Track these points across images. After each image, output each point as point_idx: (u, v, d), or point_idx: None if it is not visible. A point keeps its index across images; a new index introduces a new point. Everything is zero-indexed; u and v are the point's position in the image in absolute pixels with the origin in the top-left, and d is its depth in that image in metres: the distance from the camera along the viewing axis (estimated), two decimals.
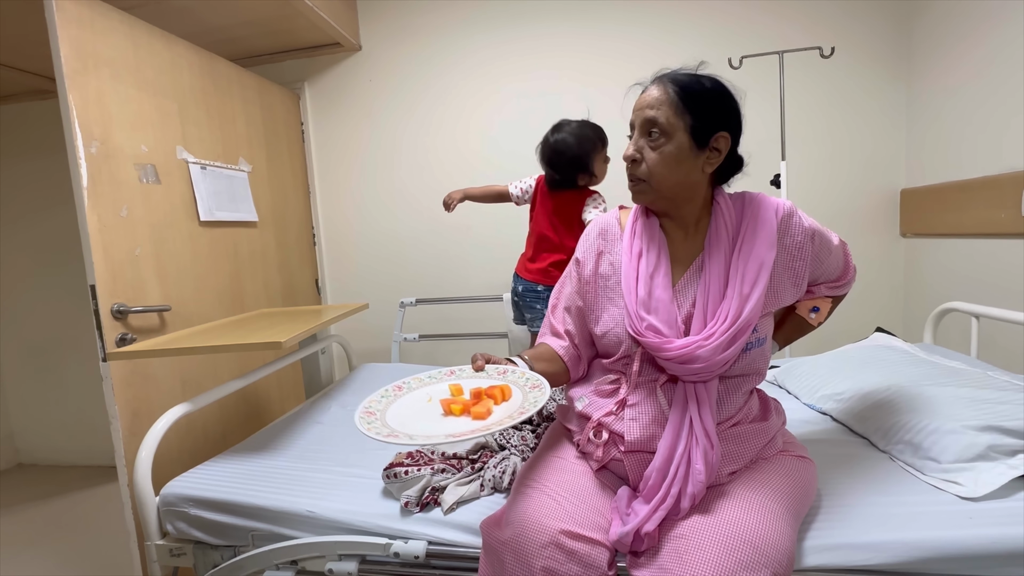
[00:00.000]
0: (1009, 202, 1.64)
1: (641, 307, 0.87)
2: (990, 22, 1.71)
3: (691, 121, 0.83)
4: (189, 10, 2.05)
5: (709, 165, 0.86)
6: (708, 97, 0.84)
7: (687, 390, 0.84)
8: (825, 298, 0.99)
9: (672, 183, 0.86)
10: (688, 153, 0.84)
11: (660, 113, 0.84)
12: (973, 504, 0.83)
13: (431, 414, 0.80)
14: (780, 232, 0.87)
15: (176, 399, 1.67)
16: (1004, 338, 1.58)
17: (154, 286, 1.64)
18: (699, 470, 0.78)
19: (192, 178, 1.83)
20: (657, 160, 0.85)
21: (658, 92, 0.85)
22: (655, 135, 0.85)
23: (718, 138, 0.85)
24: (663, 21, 2.23)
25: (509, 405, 0.78)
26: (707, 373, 0.83)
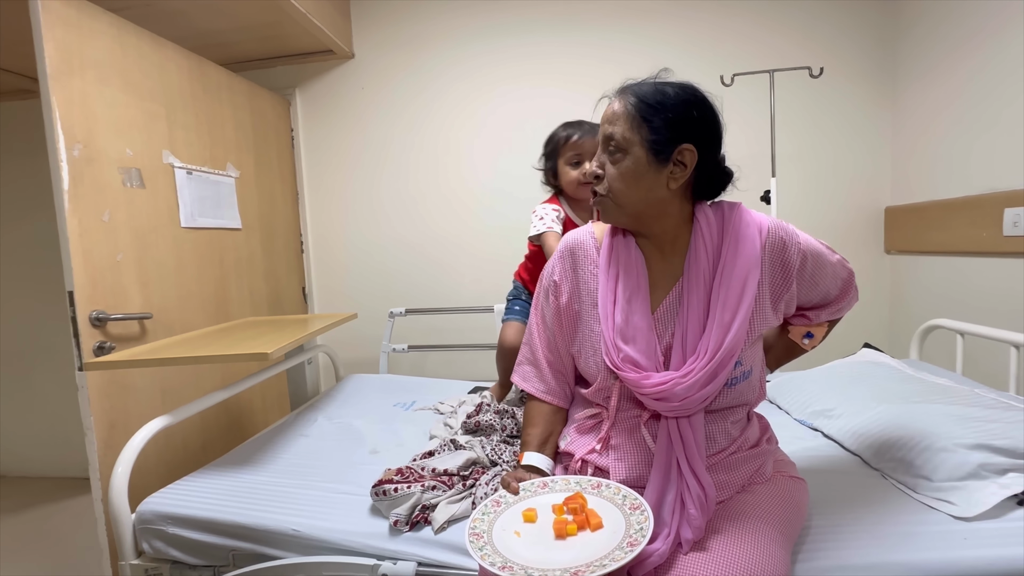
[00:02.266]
0: (990, 221, 1.68)
1: (618, 336, 0.83)
2: (971, 45, 1.76)
3: (648, 134, 0.78)
4: (180, 13, 2.02)
5: (674, 180, 0.80)
6: (668, 107, 0.78)
7: (671, 428, 0.80)
8: (821, 324, 0.95)
9: (634, 200, 0.82)
10: (647, 168, 0.79)
11: (617, 128, 0.80)
12: (967, 524, 0.83)
13: (538, 535, 0.74)
14: (767, 249, 0.83)
15: (156, 410, 1.62)
16: (986, 355, 1.61)
17: (135, 293, 1.60)
18: (693, 515, 0.75)
19: (177, 183, 1.79)
20: (616, 176, 0.81)
21: (617, 106, 0.81)
22: (613, 150, 0.81)
23: (682, 151, 0.79)
24: (657, 36, 2.26)
25: (612, 529, 0.72)
26: (687, 409, 0.79)
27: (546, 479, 0.85)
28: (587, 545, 0.70)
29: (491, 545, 0.70)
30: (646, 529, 0.69)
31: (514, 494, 0.82)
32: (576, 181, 1.25)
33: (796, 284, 0.85)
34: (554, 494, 0.81)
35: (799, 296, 0.88)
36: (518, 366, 1.03)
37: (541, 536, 0.73)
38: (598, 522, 0.73)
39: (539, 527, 0.75)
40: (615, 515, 0.74)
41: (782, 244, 0.83)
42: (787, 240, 0.84)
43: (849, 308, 0.98)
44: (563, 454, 0.95)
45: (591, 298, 0.89)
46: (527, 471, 0.89)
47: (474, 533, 0.73)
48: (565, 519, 0.74)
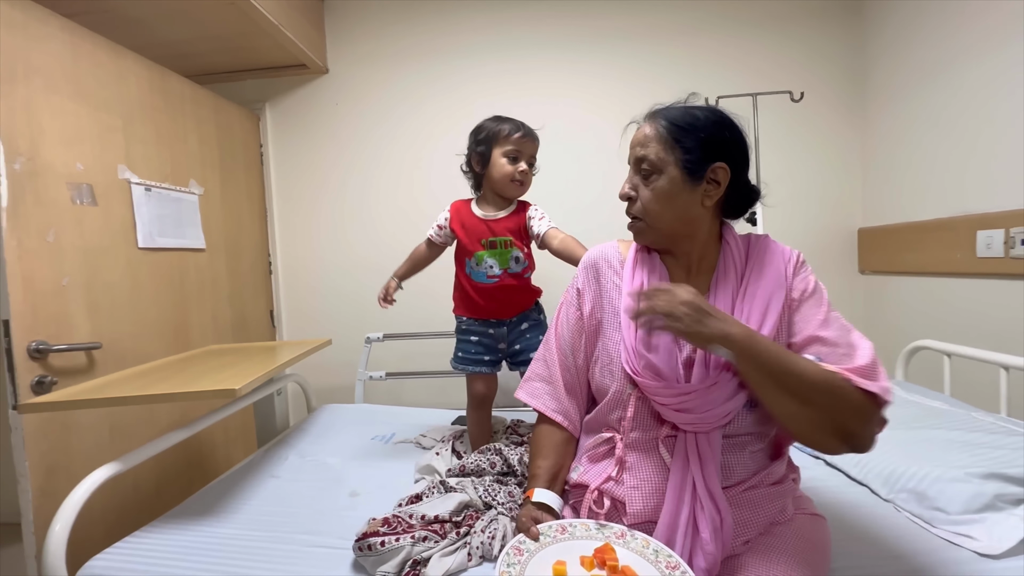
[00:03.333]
0: (963, 243, 1.72)
1: (641, 344, 0.82)
2: (937, 74, 1.83)
3: (682, 155, 0.81)
4: (141, 21, 1.90)
5: (708, 198, 0.83)
6: (700, 128, 0.81)
7: (688, 444, 0.78)
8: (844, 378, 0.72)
9: (669, 219, 0.84)
10: (682, 187, 0.81)
11: (650, 150, 0.82)
12: (993, 562, 0.80)
13: None
14: (792, 274, 0.84)
15: (102, 450, 1.45)
16: (968, 376, 1.63)
17: (83, 320, 1.45)
18: (706, 540, 0.71)
19: (133, 200, 1.65)
20: (650, 197, 0.83)
21: (648, 129, 0.84)
22: (646, 172, 0.83)
23: (715, 169, 0.81)
24: (641, 59, 2.27)
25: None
26: (706, 423, 0.77)
27: (564, 523, 0.79)
28: None
29: None
30: None
31: (534, 539, 0.75)
32: (510, 175, 1.25)
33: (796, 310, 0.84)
34: (576, 541, 0.75)
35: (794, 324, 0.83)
36: (527, 382, 0.99)
37: None
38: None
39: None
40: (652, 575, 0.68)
41: (804, 272, 0.85)
42: (808, 271, 0.86)
43: (871, 387, 0.71)
44: (574, 488, 0.89)
45: (613, 307, 0.89)
46: (537, 508, 0.84)
47: None
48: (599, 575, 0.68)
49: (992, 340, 1.63)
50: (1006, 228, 1.57)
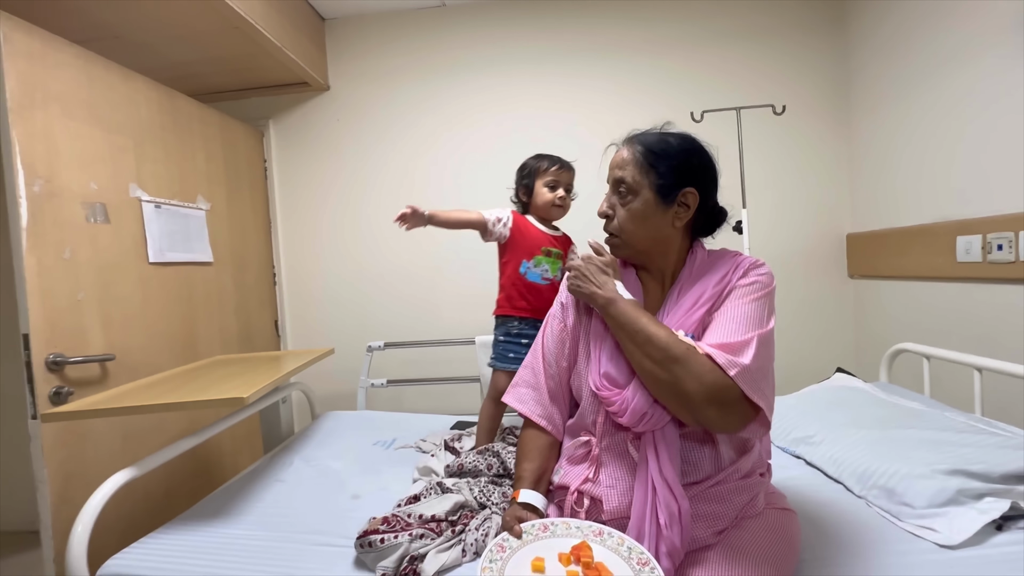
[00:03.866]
0: (944, 248, 1.78)
1: (606, 356, 0.89)
2: (921, 82, 1.89)
3: (656, 179, 0.87)
4: (149, 45, 1.99)
5: (679, 219, 0.89)
6: (673, 155, 0.88)
7: (646, 442, 0.84)
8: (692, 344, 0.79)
9: (642, 237, 0.90)
10: (655, 209, 0.88)
11: (627, 173, 0.89)
12: (951, 552, 0.85)
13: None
14: (730, 276, 0.87)
15: (115, 457, 1.52)
16: (949, 377, 1.68)
17: (97, 334, 1.52)
18: (663, 526, 0.77)
19: (144, 217, 1.73)
20: (626, 216, 0.90)
21: (627, 153, 0.91)
22: (623, 193, 0.90)
23: (685, 194, 0.88)
24: (632, 75, 2.35)
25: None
26: (654, 424, 0.82)
27: (546, 521, 0.85)
28: None
29: None
30: None
31: (517, 537, 0.81)
32: (551, 201, 1.41)
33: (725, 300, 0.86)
34: (556, 539, 0.80)
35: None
36: (513, 387, 1.05)
37: None
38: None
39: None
40: (625, 572, 0.73)
41: (750, 272, 0.87)
42: (755, 272, 0.87)
43: (734, 389, 0.76)
44: (557, 489, 0.95)
45: (591, 322, 0.95)
46: (523, 508, 0.89)
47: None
48: (576, 573, 0.73)
49: (972, 342, 1.68)
50: (983, 234, 1.63)
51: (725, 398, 0.75)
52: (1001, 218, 1.57)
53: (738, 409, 0.77)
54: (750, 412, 0.77)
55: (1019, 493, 0.92)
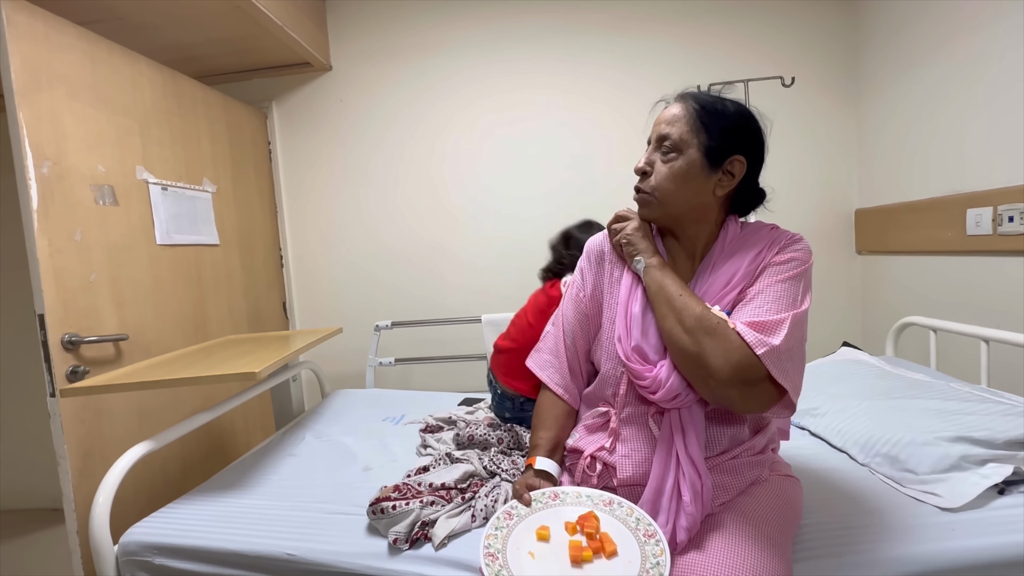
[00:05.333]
0: (953, 222, 1.76)
1: (635, 326, 0.86)
2: (929, 54, 1.85)
3: (706, 140, 0.82)
4: (152, 27, 1.98)
5: (720, 188, 0.84)
6: (727, 118, 0.83)
7: (672, 418, 0.83)
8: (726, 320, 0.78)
9: (678, 200, 0.84)
10: (699, 171, 0.82)
11: (675, 129, 0.83)
12: (953, 515, 0.86)
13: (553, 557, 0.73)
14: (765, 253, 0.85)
15: (133, 435, 1.56)
16: (957, 349, 1.68)
17: (110, 314, 1.54)
18: (687, 503, 0.77)
19: (151, 199, 1.74)
20: (666, 174, 0.84)
21: (678, 109, 0.84)
22: (667, 149, 0.84)
23: (733, 161, 0.83)
24: (638, 49, 2.31)
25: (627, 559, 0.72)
26: (682, 402, 0.81)
27: (557, 489, 0.85)
28: (601, 574, 0.69)
29: (507, 569, 0.69)
30: (663, 564, 0.68)
31: (527, 505, 0.82)
32: None
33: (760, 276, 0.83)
34: (566, 507, 0.81)
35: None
36: (536, 353, 1.05)
37: (556, 559, 0.72)
38: (613, 549, 0.72)
39: (553, 549, 0.74)
40: (630, 542, 0.74)
41: (788, 248, 0.84)
42: (794, 247, 0.85)
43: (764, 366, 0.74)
44: (571, 452, 0.95)
45: (613, 291, 0.93)
46: (537, 476, 0.90)
47: (488, 553, 0.72)
48: (580, 543, 0.73)
49: (981, 315, 1.67)
50: (994, 206, 1.61)
51: (750, 377, 0.74)
52: (1012, 189, 1.55)
53: (761, 389, 0.75)
54: (774, 394, 0.76)
55: (1022, 459, 0.93)
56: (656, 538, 0.73)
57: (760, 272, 0.83)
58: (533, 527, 0.77)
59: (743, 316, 0.79)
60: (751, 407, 0.78)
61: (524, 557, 0.72)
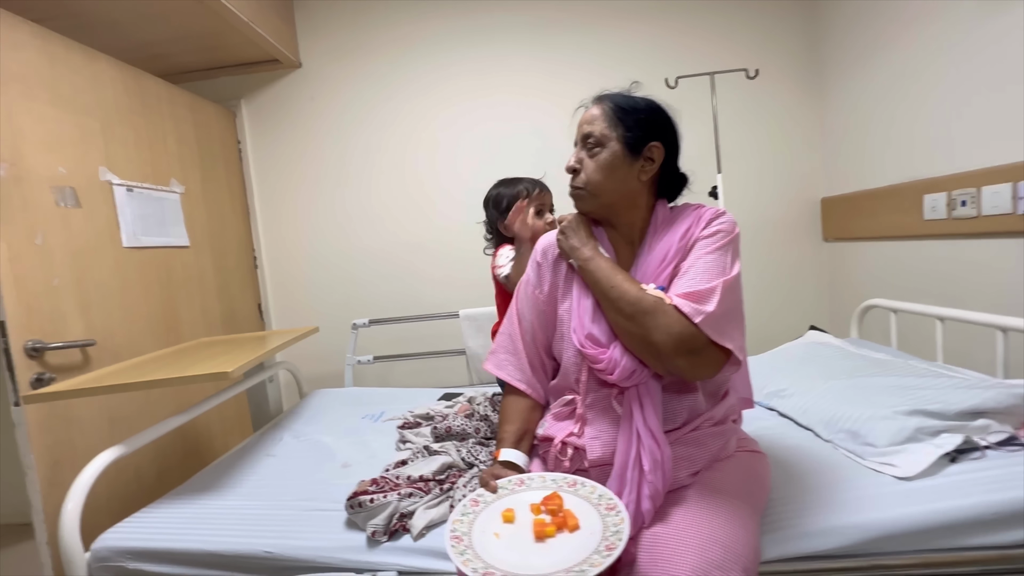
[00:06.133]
0: (911, 207, 1.83)
1: (586, 316, 0.91)
2: (886, 44, 1.92)
3: (624, 131, 0.90)
4: (113, 24, 1.93)
5: (644, 173, 0.91)
6: (640, 111, 0.91)
7: (630, 396, 0.87)
8: (662, 296, 0.82)
9: (608, 189, 0.91)
10: (622, 160, 0.90)
11: (595, 127, 0.91)
12: (908, 484, 0.90)
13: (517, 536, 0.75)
14: (695, 228, 0.89)
15: (104, 442, 1.51)
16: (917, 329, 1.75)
17: (76, 319, 1.50)
18: (648, 471, 0.81)
19: (116, 201, 1.70)
20: (594, 168, 0.91)
21: (596, 109, 0.93)
22: (591, 145, 0.92)
23: (651, 147, 0.90)
24: (606, 44, 2.34)
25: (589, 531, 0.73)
26: (637, 379, 0.85)
27: (523, 476, 0.87)
28: (565, 547, 0.71)
29: (472, 549, 0.71)
30: (622, 532, 0.70)
31: (492, 492, 0.83)
32: (542, 228, 1.29)
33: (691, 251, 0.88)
34: (531, 492, 0.83)
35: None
36: (493, 354, 1.07)
37: (520, 538, 0.74)
38: (575, 523, 0.74)
39: (518, 528, 0.76)
40: (592, 516, 0.76)
41: (713, 222, 0.89)
42: (719, 220, 0.89)
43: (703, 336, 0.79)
44: (541, 441, 0.98)
45: (567, 284, 0.97)
46: (504, 467, 0.92)
47: (455, 536, 0.73)
48: (543, 520, 0.75)
49: (940, 296, 1.75)
50: (948, 191, 1.68)
51: (693, 346, 0.79)
52: (964, 175, 1.62)
53: (707, 354, 0.80)
54: (720, 356, 0.81)
55: (972, 428, 0.98)
56: (616, 509, 0.75)
57: (691, 247, 0.88)
58: (499, 511, 0.79)
59: (678, 289, 0.84)
60: (703, 373, 0.83)
61: (490, 538, 0.73)
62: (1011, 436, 0.97)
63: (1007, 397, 1.01)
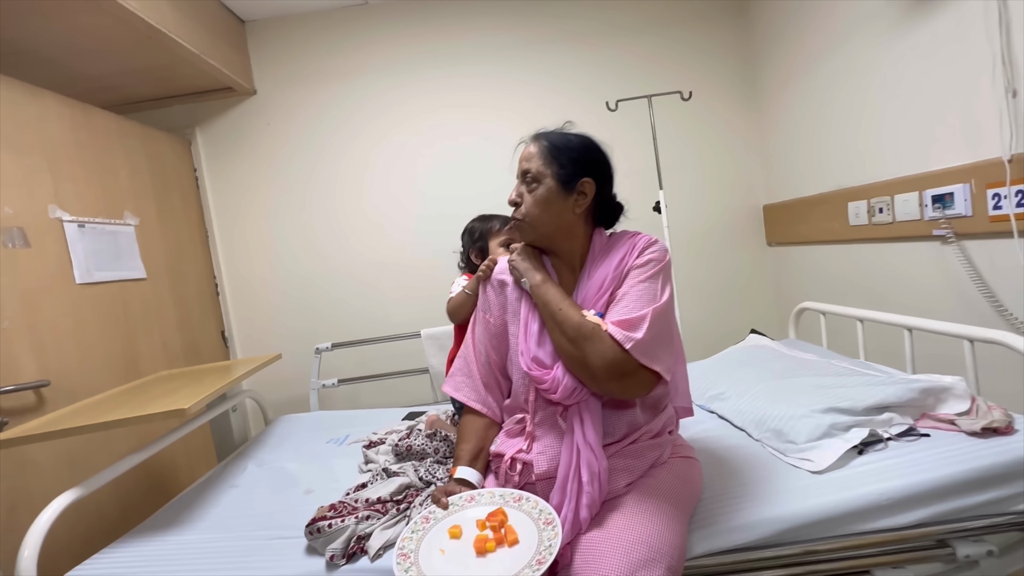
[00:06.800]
0: (838, 214, 1.98)
1: (531, 340, 0.98)
2: (812, 62, 2.06)
3: (557, 168, 0.97)
4: (55, 60, 1.92)
5: (578, 206, 0.98)
6: (572, 149, 0.98)
7: (572, 413, 0.94)
8: (600, 323, 0.89)
9: (545, 221, 0.98)
10: (557, 195, 0.97)
11: (532, 164, 0.98)
12: (821, 476, 1.00)
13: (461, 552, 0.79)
14: (630, 256, 0.97)
15: (63, 484, 1.49)
16: (846, 328, 1.89)
17: (28, 361, 1.50)
18: (585, 482, 0.87)
19: (67, 238, 1.69)
20: (532, 202, 0.98)
21: (533, 147, 1.00)
22: (529, 181, 0.99)
23: (583, 183, 0.97)
24: (549, 69, 2.44)
25: (526, 545, 0.79)
26: (578, 397, 0.93)
27: (473, 492, 0.93)
28: (503, 562, 0.76)
29: (416, 566, 0.76)
30: (554, 545, 0.76)
31: (444, 509, 0.89)
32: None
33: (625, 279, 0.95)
34: (479, 508, 0.88)
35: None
36: (451, 377, 1.14)
37: (463, 553, 0.79)
38: (514, 538, 0.80)
39: (463, 544, 0.81)
40: (531, 530, 0.81)
41: (647, 249, 0.98)
42: (652, 249, 0.97)
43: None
44: (494, 457, 1.04)
45: (515, 311, 1.04)
46: (458, 484, 0.97)
47: (402, 553, 0.78)
48: (486, 536, 0.81)
49: (866, 297, 1.89)
50: (868, 199, 1.83)
51: (624, 370, 0.86)
52: (880, 184, 1.77)
53: (638, 377, 0.88)
54: (651, 377, 0.89)
55: (877, 422, 1.09)
56: (553, 524, 0.81)
57: (625, 275, 0.96)
58: (447, 528, 0.84)
59: (613, 316, 0.91)
60: (635, 393, 0.91)
61: (435, 555, 0.78)
62: (910, 428, 1.08)
63: (907, 392, 1.12)
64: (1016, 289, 1.32)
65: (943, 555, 0.93)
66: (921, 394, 1.12)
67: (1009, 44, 1.27)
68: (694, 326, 2.34)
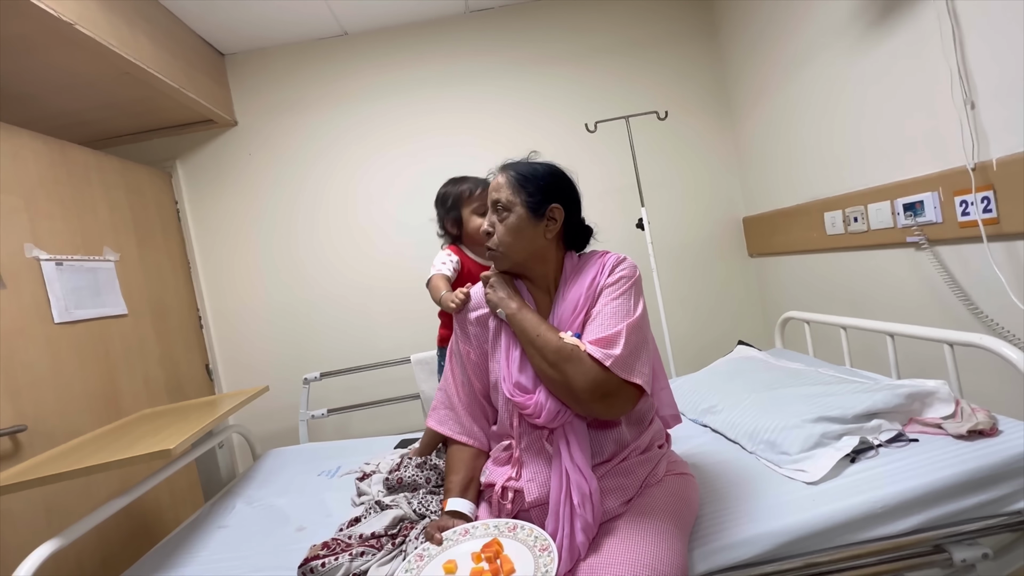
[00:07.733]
0: (816, 224, 2.03)
1: (512, 364, 0.99)
2: (784, 78, 2.13)
3: (526, 197, 0.99)
4: (31, 97, 1.90)
5: (548, 232, 1.01)
6: (539, 177, 1.01)
7: (558, 435, 0.94)
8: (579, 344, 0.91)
9: (518, 248, 1.01)
10: (527, 223, 0.99)
11: (502, 194, 1.01)
12: (815, 487, 1.00)
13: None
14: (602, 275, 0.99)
15: (41, 535, 1.44)
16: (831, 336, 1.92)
17: (4, 405, 1.45)
18: (577, 505, 0.87)
19: (45, 277, 1.66)
20: (504, 231, 1.00)
21: (502, 178, 1.03)
22: (500, 210, 1.01)
23: (552, 209, 1.00)
24: (529, 92, 2.49)
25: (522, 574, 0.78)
26: (562, 420, 0.93)
27: (467, 526, 0.91)
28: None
29: None
30: (550, 571, 0.76)
31: (438, 545, 0.87)
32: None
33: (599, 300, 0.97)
34: (474, 540, 0.87)
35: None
36: (434, 411, 1.13)
37: None
38: (510, 568, 0.79)
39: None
40: (527, 559, 0.80)
41: (617, 268, 1.00)
42: (622, 267, 1.00)
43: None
44: (485, 487, 1.03)
45: (497, 339, 1.04)
46: (451, 517, 0.96)
47: None
48: (481, 568, 0.80)
49: (848, 304, 1.93)
50: (843, 209, 1.88)
51: (607, 389, 0.87)
52: (854, 194, 1.82)
53: (622, 394, 0.89)
54: (633, 392, 0.89)
55: (867, 429, 1.10)
56: (549, 550, 0.81)
57: (598, 294, 0.98)
58: (441, 563, 0.82)
59: (589, 335, 0.93)
60: (619, 411, 0.92)
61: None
62: (899, 433, 1.09)
63: (893, 398, 1.14)
64: (989, 291, 1.36)
65: (940, 560, 0.93)
66: (907, 399, 1.14)
67: (964, 59, 1.33)
68: (681, 339, 2.36)
